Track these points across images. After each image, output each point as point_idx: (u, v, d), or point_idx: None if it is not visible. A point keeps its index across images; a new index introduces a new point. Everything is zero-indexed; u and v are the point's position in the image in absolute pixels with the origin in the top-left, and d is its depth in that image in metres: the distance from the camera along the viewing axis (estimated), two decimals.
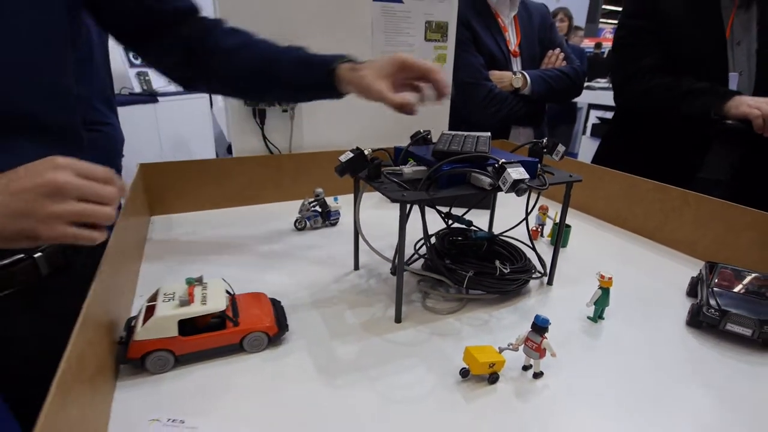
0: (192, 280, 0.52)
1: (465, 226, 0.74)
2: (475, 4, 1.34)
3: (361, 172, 0.59)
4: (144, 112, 2.46)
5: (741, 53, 1.04)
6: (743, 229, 0.74)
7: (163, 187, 0.93)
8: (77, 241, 0.41)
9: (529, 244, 0.74)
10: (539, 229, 0.91)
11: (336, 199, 0.95)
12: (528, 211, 0.72)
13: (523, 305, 0.65)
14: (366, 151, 0.58)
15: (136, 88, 2.50)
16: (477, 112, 1.33)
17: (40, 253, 0.55)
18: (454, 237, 0.73)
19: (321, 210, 0.91)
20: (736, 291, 0.61)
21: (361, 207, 0.64)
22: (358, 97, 0.60)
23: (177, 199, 0.95)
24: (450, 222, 0.74)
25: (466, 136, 0.65)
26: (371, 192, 0.67)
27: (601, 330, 0.60)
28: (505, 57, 1.36)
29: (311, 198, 0.91)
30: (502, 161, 0.54)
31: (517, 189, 0.53)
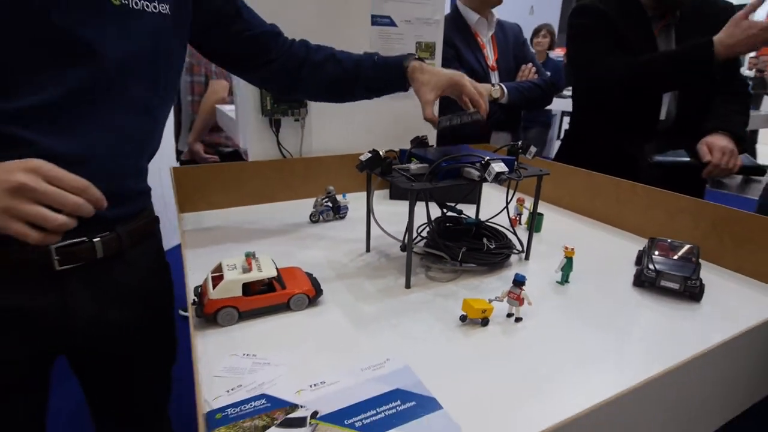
0: (249, 253, 0.66)
1: (457, 214, 0.90)
2: (458, 25, 1.52)
3: (376, 169, 0.74)
4: None
5: None
6: (678, 212, 0.93)
7: (191, 188, 1.06)
8: (18, 236, 0.45)
9: (509, 228, 0.90)
10: (518, 218, 1.08)
11: (344, 196, 1.09)
12: (507, 200, 0.88)
13: (506, 275, 0.81)
14: (381, 152, 0.73)
15: None
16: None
17: (98, 239, 0.62)
18: (449, 223, 0.89)
19: (332, 205, 1.05)
20: (668, 257, 0.78)
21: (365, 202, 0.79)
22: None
23: (203, 198, 1.09)
24: (445, 210, 0.90)
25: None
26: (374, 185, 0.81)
27: (567, 290, 0.77)
28: (484, 71, 1.54)
29: (323, 195, 1.05)
30: (488, 158, 0.70)
31: (499, 179, 0.69)
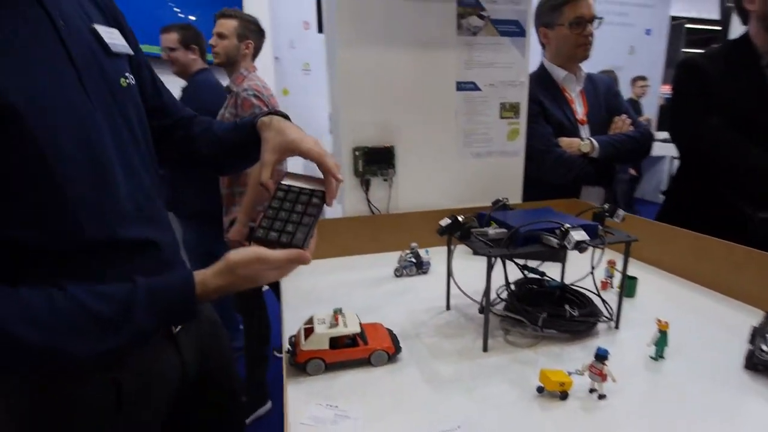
0: (337, 309, 0.73)
1: (539, 276, 0.90)
2: (544, 82, 1.54)
3: (456, 233, 0.79)
4: None
5: None
6: None
7: None
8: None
9: (596, 293, 0.87)
10: (609, 281, 1.02)
11: (427, 251, 1.14)
12: (593, 265, 0.86)
13: (591, 343, 0.78)
14: (460, 218, 0.78)
15: None
16: (549, 174, 1.49)
17: None
18: (530, 285, 0.89)
19: (415, 260, 1.10)
20: None
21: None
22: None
23: None
24: (526, 273, 0.90)
25: None
26: (454, 245, 0.85)
27: (662, 367, 0.71)
28: (572, 125, 1.53)
29: (407, 250, 1.11)
30: (567, 226, 0.71)
31: (580, 247, 0.69)
